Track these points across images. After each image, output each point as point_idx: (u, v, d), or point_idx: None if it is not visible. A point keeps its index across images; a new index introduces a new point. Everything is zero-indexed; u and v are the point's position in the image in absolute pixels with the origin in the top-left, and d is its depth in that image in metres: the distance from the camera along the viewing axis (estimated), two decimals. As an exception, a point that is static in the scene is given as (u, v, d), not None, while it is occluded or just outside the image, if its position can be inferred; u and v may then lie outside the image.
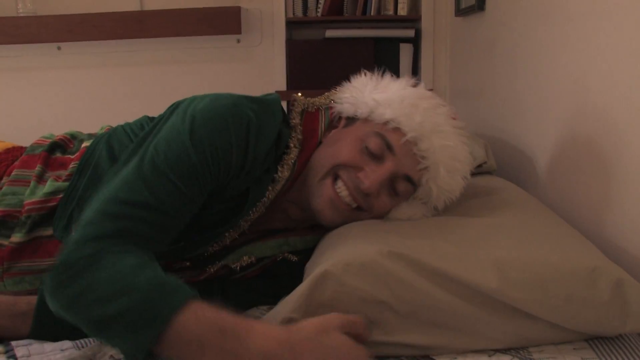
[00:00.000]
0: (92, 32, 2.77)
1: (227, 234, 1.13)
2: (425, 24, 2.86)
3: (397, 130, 1.09)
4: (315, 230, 1.19)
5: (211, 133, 0.98)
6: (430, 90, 1.22)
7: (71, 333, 1.01)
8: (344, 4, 2.92)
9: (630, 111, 1.13)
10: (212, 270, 1.14)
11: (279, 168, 1.10)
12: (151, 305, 0.79)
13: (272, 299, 1.05)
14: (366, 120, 1.12)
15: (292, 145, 1.11)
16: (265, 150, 1.05)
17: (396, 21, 2.94)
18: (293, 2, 2.95)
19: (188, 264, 1.15)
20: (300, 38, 3.10)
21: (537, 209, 1.25)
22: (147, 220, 0.91)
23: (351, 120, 1.15)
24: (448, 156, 1.10)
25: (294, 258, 1.19)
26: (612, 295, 0.90)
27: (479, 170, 1.61)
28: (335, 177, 1.10)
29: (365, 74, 1.18)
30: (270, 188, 1.09)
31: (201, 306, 0.80)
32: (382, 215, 1.14)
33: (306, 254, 1.17)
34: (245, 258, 1.16)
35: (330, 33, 2.94)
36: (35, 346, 0.98)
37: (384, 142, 1.08)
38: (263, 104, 1.07)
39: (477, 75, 2.22)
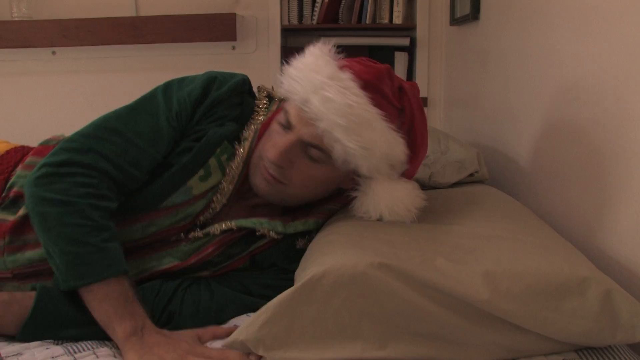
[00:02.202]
0: (87, 37, 2.76)
1: (214, 198, 1.19)
2: (420, 32, 2.86)
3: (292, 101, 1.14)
4: (298, 217, 1.24)
5: (181, 82, 1.22)
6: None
7: (59, 333, 1.06)
8: (340, 12, 2.93)
9: (624, 119, 1.13)
10: (195, 235, 1.19)
11: (245, 128, 1.22)
12: (91, 263, 1.02)
13: (259, 299, 1.12)
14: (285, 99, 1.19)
15: (257, 113, 1.24)
16: (226, 96, 1.20)
17: (391, 29, 2.95)
18: (288, 9, 2.95)
19: (183, 235, 1.19)
20: (296, 45, 3.10)
21: (528, 218, 1.24)
22: (112, 142, 1.12)
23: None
24: (333, 113, 1.07)
25: (275, 235, 1.20)
26: (601, 306, 0.90)
27: (471, 179, 1.61)
28: None
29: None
30: (237, 145, 1.20)
31: (121, 282, 1.02)
32: (307, 185, 1.17)
33: (290, 237, 1.23)
34: (226, 223, 1.19)
35: (325, 41, 2.94)
36: (26, 356, 0.97)
37: (285, 115, 1.14)
38: (231, 73, 1.25)
39: (471, 84, 2.22)
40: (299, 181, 1.16)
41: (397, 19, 2.87)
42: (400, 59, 2.91)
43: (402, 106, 1.16)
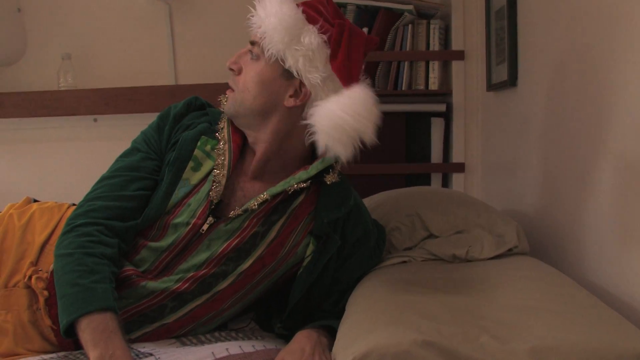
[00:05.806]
0: (127, 105, 2.83)
1: (216, 174, 1.33)
2: (457, 98, 2.85)
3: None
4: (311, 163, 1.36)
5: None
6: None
7: None
8: (375, 79, 2.96)
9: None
10: (234, 214, 1.32)
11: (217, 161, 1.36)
12: (77, 301, 1.16)
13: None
14: None
15: (220, 141, 1.38)
16: (184, 110, 1.43)
17: (427, 95, 2.95)
18: (326, 77, 2.99)
19: (211, 220, 1.31)
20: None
21: (572, 290, 1.21)
22: (100, 186, 1.35)
23: None
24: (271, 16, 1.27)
25: (303, 185, 1.34)
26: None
27: (510, 254, 1.56)
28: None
29: None
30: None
31: (104, 315, 1.15)
32: (247, 86, 1.32)
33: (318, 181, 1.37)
34: (261, 196, 1.32)
35: (361, 107, 2.95)
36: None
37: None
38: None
39: (510, 151, 2.19)
40: (242, 83, 1.33)
41: (433, 85, 2.88)
42: (437, 125, 2.90)
43: (333, 23, 1.30)
